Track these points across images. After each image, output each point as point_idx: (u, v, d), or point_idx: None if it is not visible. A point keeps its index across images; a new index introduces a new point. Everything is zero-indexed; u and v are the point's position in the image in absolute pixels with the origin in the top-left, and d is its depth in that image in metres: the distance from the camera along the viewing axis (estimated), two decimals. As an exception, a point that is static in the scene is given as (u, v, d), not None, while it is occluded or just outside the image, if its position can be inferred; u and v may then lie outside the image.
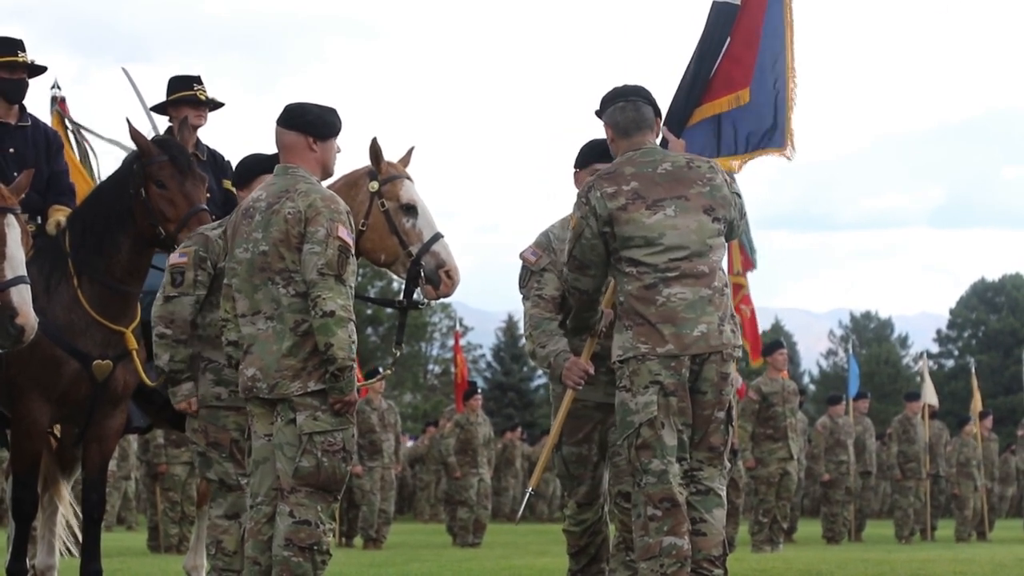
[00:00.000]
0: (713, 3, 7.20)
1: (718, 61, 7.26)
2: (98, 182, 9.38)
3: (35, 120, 8.90)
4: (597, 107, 6.71)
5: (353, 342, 6.25)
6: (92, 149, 9.80)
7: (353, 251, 6.35)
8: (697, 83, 7.26)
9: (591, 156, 7.09)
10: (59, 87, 10.17)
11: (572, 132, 7.34)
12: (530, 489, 7.16)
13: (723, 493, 6.42)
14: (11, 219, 7.20)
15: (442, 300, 7.84)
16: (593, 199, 6.40)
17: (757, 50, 7.12)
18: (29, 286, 7.09)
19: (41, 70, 8.82)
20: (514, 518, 29.75)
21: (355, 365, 6.32)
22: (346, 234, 6.31)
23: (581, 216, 6.43)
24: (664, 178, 6.43)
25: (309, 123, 6.52)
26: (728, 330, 6.37)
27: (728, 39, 7.21)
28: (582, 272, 6.48)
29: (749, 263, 18.05)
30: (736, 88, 7.15)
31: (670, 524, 6.24)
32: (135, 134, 8.03)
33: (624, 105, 6.57)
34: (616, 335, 6.41)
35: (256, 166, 7.38)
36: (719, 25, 7.19)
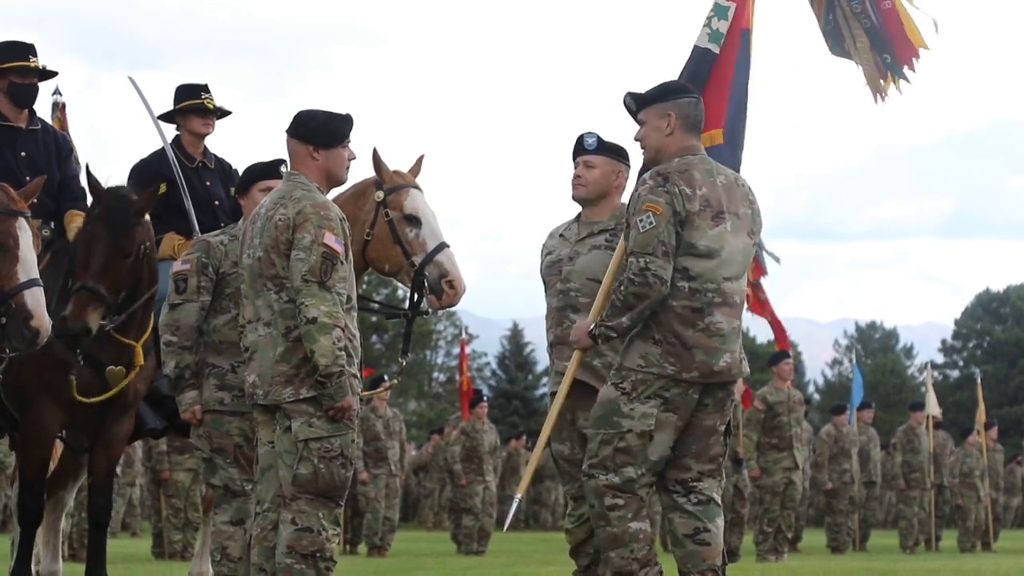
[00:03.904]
0: (695, 47, 7.22)
1: None
2: None
3: (45, 124, 8.93)
4: (648, 91, 6.50)
5: (339, 348, 6.21)
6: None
7: (341, 258, 6.30)
8: None
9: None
10: (60, 92, 10.19)
11: (574, 133, 7.29)
12: (519, 495, 7.05)
13: (720, 502, 6.41)
14: (22, 222, 7.23)
15: (447, 309, 7.83)
16: (673, 192, 6.22)
17: (728, 93, 7.17)
18: (42, 288, 7.12)
19: (51, 75, 8.85)
20: (517, 526, 29.74)
21: (346, 369, 6.25)
22: (333, 241, 6.29)
23: (665, 203, 6.21)
24: (724, 190, 6.36)
25: (310, 131, 6.50)
26: (741, 357, 6.38)
27: (705, 85, 7.23)
28: (668, 259, 6.21)
29: (760, 269, 18.04)
30: (710, 128, 7.17)
31: (633, 511, 6.24)
32: (90, 181, 7.98)
33: (696, 102, 6.48)
34: (639, 342, 6.28)
35: (254, 174, 7.41)
36: (696, 69, 7.21)
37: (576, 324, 6.54)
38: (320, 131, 6.50)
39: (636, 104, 6.50)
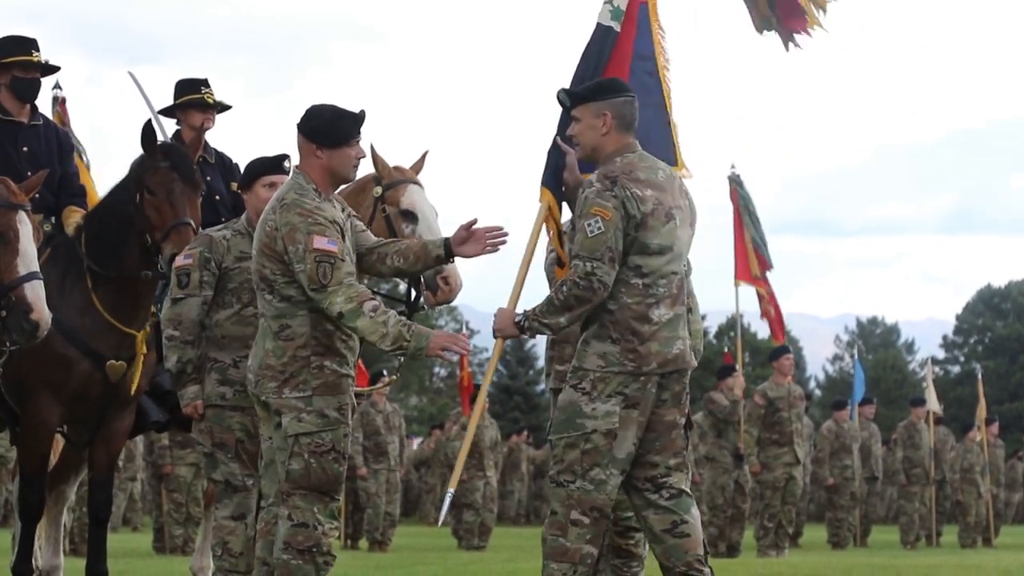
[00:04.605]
0: (597, 25, 7.17)
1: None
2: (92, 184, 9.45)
3: (47, 120, 8.92)
4: (582, 88, 6.46)
5: (380, 316, 6.20)
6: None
7: (338, 256, 6.28)
8: None
9: None
10: (60, 87, 10.19)
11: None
12: (451, 491, 6.84)
13: (691, 493, 6.37)
14: (22, 216, 7.22)
15: (444, 305, 7.82)
16: (623, 196, 6.21)
17: (628, 70, 7.14)
18: (42, 282, 7.12)
19: (54, 70, 8.83)
20: (518, 521, 29.76)
21: (402, 320, 6.24)
22: (324, 243, 6.28)
23: (613, 208, 6.19)
24: (666, 184, 6.36)
25: (313, 129, 6.47)
26: (691, 345, 6.39)
27: (607, 62, 7.19)
28: (613, 265, 6.20)
29: (766, 264, 18.03)
30: None
31: (593, 534, 6.20)
32: (145, 136, 8.04)
33: (631, 100, 6.42)
34: (596, 342, 6.25)
35: (258, 169, 7.40)
36: (598, 47, 7.16)
37: (499, 311, 6.49)
38: (323, 130, 6.46)
39: (570, 101, 6.44)
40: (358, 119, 6.53)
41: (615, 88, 6.44)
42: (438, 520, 6.71)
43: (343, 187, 7.24)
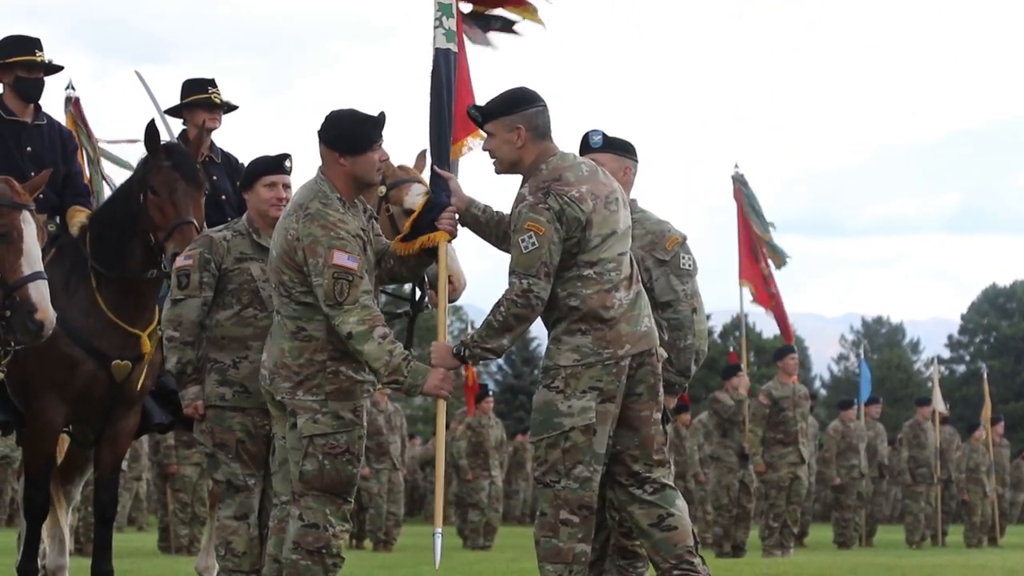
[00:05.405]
0: (436, 51, 7.15)
1: (453, 103, 7.19)
2: (104, 183, 9.45)
3: (50, 119, 8.92)
4: (492, 103, 6.42)
5: (389, 344, 6.22)
6: (98, 152, 9.83)
7: (356, 273, 6.28)
8: (444, 122, 7.05)
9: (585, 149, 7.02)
10: (73, 87, 10.20)
11: (580, 132, 7.23)
12: (438, 530, 6.73)
13: (675, 486, 6.37)
14: (27, 215, 7.23)
15: (452, 303, 7.80)
16: (559, 205, 6.19)
17: (471, 94, 7.16)
18: (47, 281, 7.13)
19: (58, 69, 8.83)
20: (523, 521, 29.74)
21: (409, 355, 6.25)
22: (344, 259, 6.27)
23: (547, 221, 6.17)
24: (593, 176, 6.34)
25: (334, 138, 6.45)
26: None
27: (456, 83, 7.18)
28: (549, 279, 6.21)
29: (778, 259, 18.06)
30: (470, 131, 7.10)
31: (584, 532, 6.20)
32: (148, 136, 8.04)
33: (543, 110, 6.39)
34: (567, 338, 6.24)
35: (259, 169, 7.39)
36: (447, 73, 7.14)
37: (435, 345, 6.46)
38: (344, 138, 6.45)
39: (482, 117, 6.41)
40: (378, 123, 6.51)
41: (526, 99, 6.40)
42: (435, 563, 6.66)
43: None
